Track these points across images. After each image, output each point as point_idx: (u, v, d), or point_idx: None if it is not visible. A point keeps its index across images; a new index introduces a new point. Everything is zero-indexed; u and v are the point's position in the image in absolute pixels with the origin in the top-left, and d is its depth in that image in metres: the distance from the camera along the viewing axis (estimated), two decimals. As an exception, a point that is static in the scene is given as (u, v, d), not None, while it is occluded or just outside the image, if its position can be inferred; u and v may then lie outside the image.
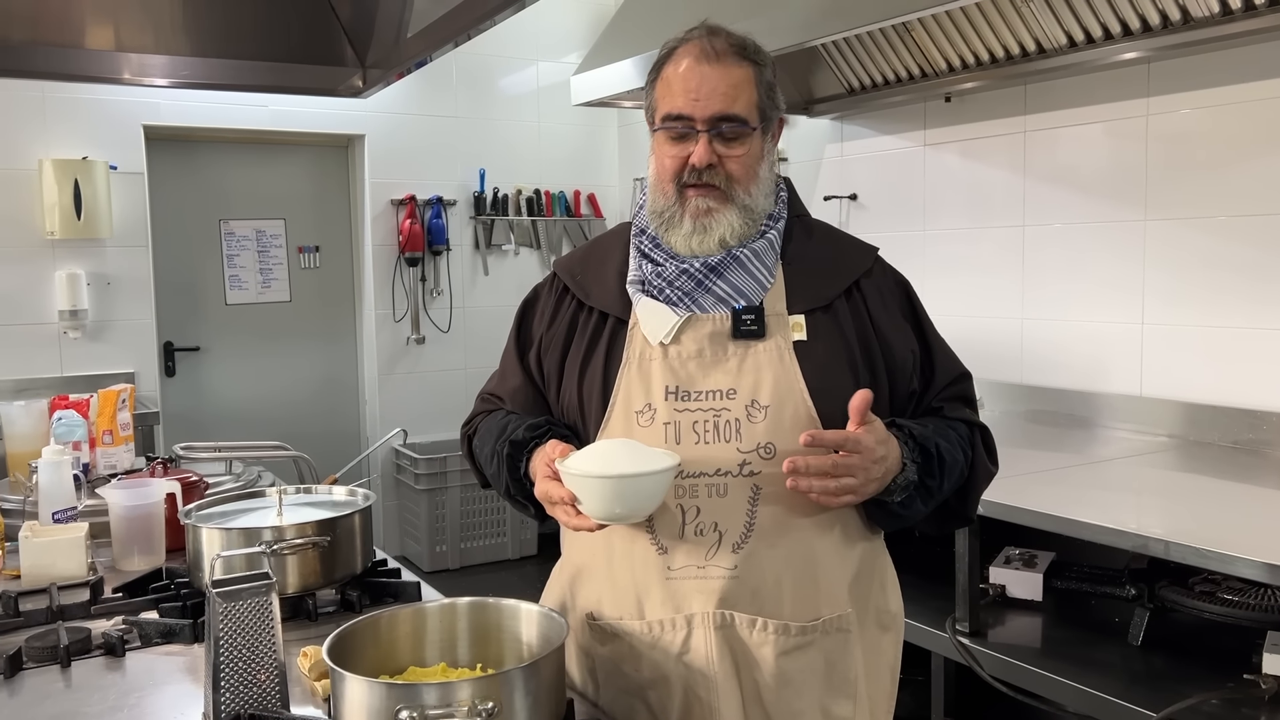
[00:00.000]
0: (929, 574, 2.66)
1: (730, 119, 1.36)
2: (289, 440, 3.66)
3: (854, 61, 3.74)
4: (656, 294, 1.41)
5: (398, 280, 5.29)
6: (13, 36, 2.92)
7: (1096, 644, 2.30)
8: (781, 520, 1.34)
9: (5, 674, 1.42)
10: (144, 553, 1.92)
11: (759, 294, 1.40)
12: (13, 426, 2.43)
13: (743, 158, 1.38)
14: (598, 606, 1.42)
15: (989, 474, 1.48)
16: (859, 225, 4.12)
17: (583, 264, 1.54)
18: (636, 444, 1.29)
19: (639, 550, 1.36)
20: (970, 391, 1.52)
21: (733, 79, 1.36)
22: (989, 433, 1.49)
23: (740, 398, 1.35)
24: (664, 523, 1.35)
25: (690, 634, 1.34)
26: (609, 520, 1.25)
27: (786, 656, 1.34)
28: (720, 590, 1.33)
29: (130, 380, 4.62)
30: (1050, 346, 3.41)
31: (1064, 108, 3.30)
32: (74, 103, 4.44)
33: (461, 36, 2.39)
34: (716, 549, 1.33)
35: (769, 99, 1.41)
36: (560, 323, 1.49)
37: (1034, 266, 3.46)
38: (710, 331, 1.39)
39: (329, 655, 1.08)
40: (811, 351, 1.38)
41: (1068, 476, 2.62)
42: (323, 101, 4.78)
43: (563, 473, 1.25)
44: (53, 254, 4.45)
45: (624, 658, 1.39)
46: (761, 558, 1.33)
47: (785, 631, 1.34)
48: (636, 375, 1.39)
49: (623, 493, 1.22)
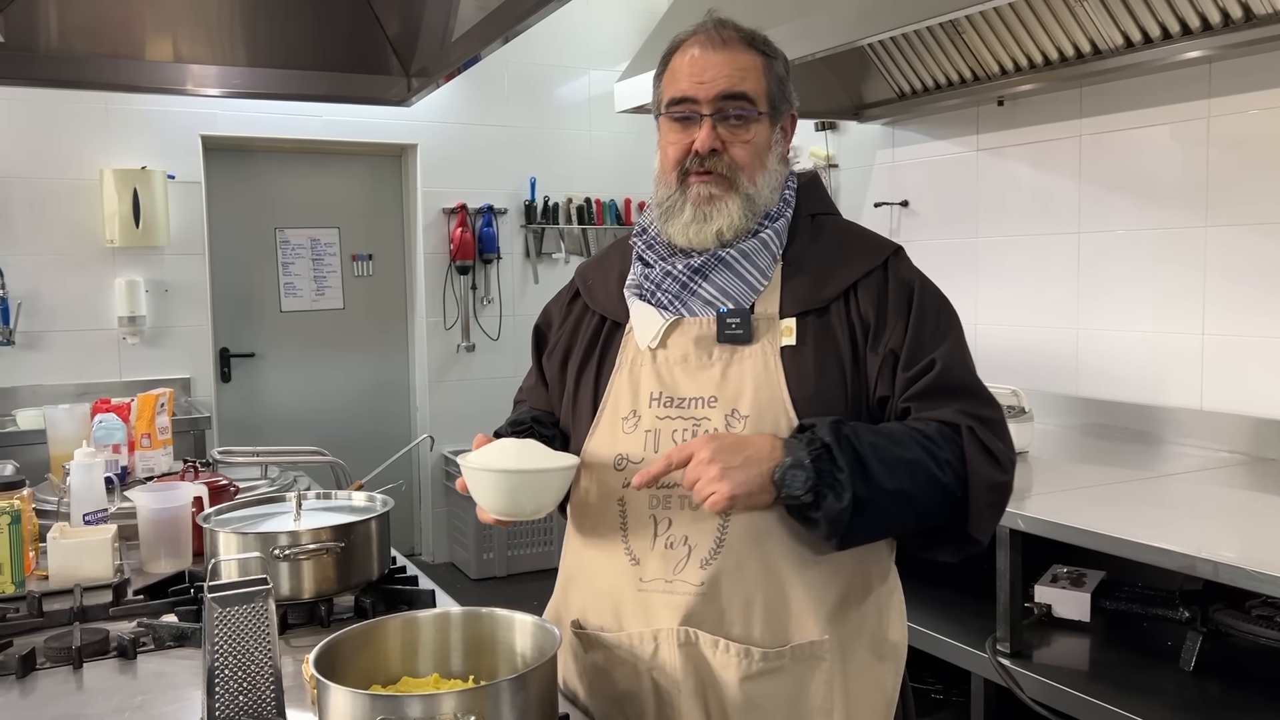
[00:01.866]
0: (971, 591, 2.57)
1: (736, 96, 1.32)
2: (341, 446, 3.70)
3: (904, 65, 3.67)
4: (648, 297, 1.39)
5: (449, 288, 5.32)
6: (76, 49, 3.01)
7: (1146, 668, 2.20)
8: (754, 538, 1.28)
9: (18, 674, 1.43)
10: (170, 555, 1.94)
11: (749, 296, 1.35)
12: (56, 429, 2.47)
13: (749, 144, 1.34)
14: (583, 614, 1.40)
15: (991, 482, 1.26)
16: (911, 232, 4.04)
17: (595, 267, 1.54)
18: (538, 445, 1.32)
19: (615, 560, 1.34)
20: (952, 380, 1.30)
21: (739, 62, 1.34)
22: (989, 429, 1.28)
23: (721, 406, 1.31)
24: (638, 533, 1.32)
25: (658, 650, 1.30)
26: (501, 514, 1.29)
27: (751, 681, 1.28)
28: (686, 606, 1.28)
29: (187, 386, 4.72)
30: (1107, 357, 3.29)
31: (1121, 110, 3.19)
32: (135, 113, 4.55)
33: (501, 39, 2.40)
34: (685, 563, 1.29)
35: (779, 90, 1.37)
36: (567, 325, 1.49)
37: (1090, 274, 3.34)
38: (696, 335, 1.35)
39: (316, 665, 1.06)
40: (799, 357, 1.31)
41: (1122, 493, 2.51)
42: (376, 111, 4.84)
43: (461, 465, 1.29)
44: (113, 261, 4.55)
45: (603, 668, 1.36)
46: (730, 576, 1.28)
47: (748, 655, 1.27)
48: (626, 380, 1.37)
49: (506, 487, 1.26)
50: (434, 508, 5.39)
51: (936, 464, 1.24)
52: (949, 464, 1.25)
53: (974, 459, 1.26)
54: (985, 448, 1.26)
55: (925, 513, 1.27)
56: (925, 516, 1.28)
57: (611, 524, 1.35)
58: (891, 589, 1.42)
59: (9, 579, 1.78)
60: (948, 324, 1.35)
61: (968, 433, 1.27)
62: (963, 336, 1.36)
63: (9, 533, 1.78)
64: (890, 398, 1.32)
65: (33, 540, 1.92)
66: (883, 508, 1.22)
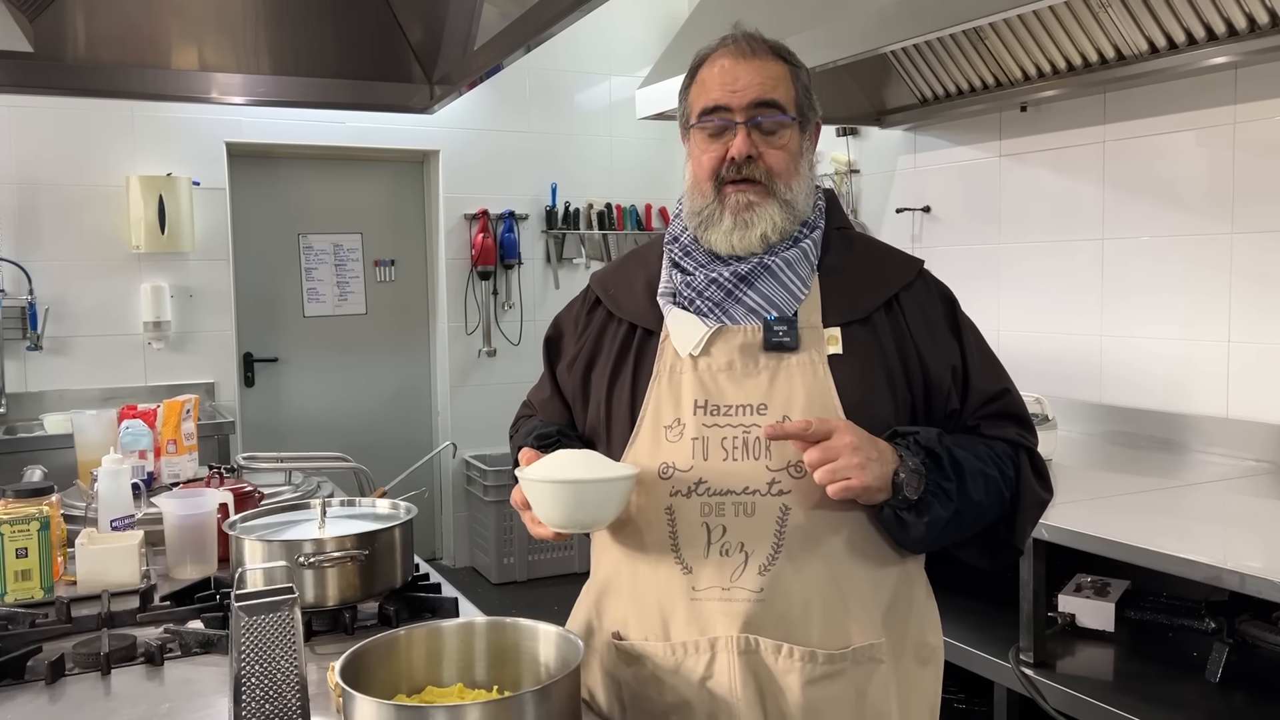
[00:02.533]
0: (994, 600, 2.56)
1: (769, 104, 1.34)
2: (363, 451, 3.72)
3: (926, 71, 3.66)
4: (687, 304, 1.38)
5: (470, 294, 5.34)
6: (103, 58, 3.05)
7: (1171, 679, 2.19)
8: (811, 542, 1.29)
9: (47, 680, 1.44)
10: (196, 561, 1.95)
11: (791, 305, 1.36)
12: (84, 435, 2.50)
13: (783, 151, 1.36)
14: (623, 626, 1.38)
15: (1039, 500, 1.38)
16: (932, 238, 4.02)
17: (616, 275, 1.53)
18: (598, 455, 1.31)
19: (663, 569, 1.32)
20: (1017, 409, 1.41)
21: (769, 71, 1.36)
22: (1038, 456, 1.40)
23: (771, 413, 1.31)
24: (689, 541, 1.31)
25: (714, 658, 1.29)
26: (563, 528, 1.27)
27: (814, 686, 1.28)
28: (745, 613, 1.28)
29: (211, 390, 4.76)
30: (1131, 365, 3.27)
31: (1146, 116, 3.17)
32: (161, 121, 4.60)
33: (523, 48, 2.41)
34: (742, 570, 1.28)
35: (806, 99, 1.39)
36: (588, 335, 1.48)
37: (1114, 281, 3.32)
38: (741, 343, 1.35)
39: (341, 674, 1.07)
40: (847, 366, 1.33)
41: (1147, 502, 2.50)
42: (399, 118, 4.87)
43: (521, 479, 1.27)
44: (138, 267, 4.60)
45: (648, 681, 1.34)
46: (789, 581, 1.28)
47: (812, 659, 1.28)
48: (666, 388, 1.36)
49: (572, 499, 1.24)
50: (455, 512, 5.41)
51: (1004, 480, 1.33)
52: (1010, 480, 1.34)
53: (1027, 478, 1.36)
54: (1037, 469, 1.38)
55: (986, 522, 1.35)
56: (984, 525, 1.35)
57: (659, 533, 1.33)
58: (927, 593, 1.44)
59: (38, 584, 1.80)
60: (984, 344, 1.45)
61: (1026, 456, 1.38)
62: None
63: (38, 539, 1.80)
64: (958, 411, 1.38)
65: (61, 546, 1.95)
66: (965, 517, 1.29)
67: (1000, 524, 1.36)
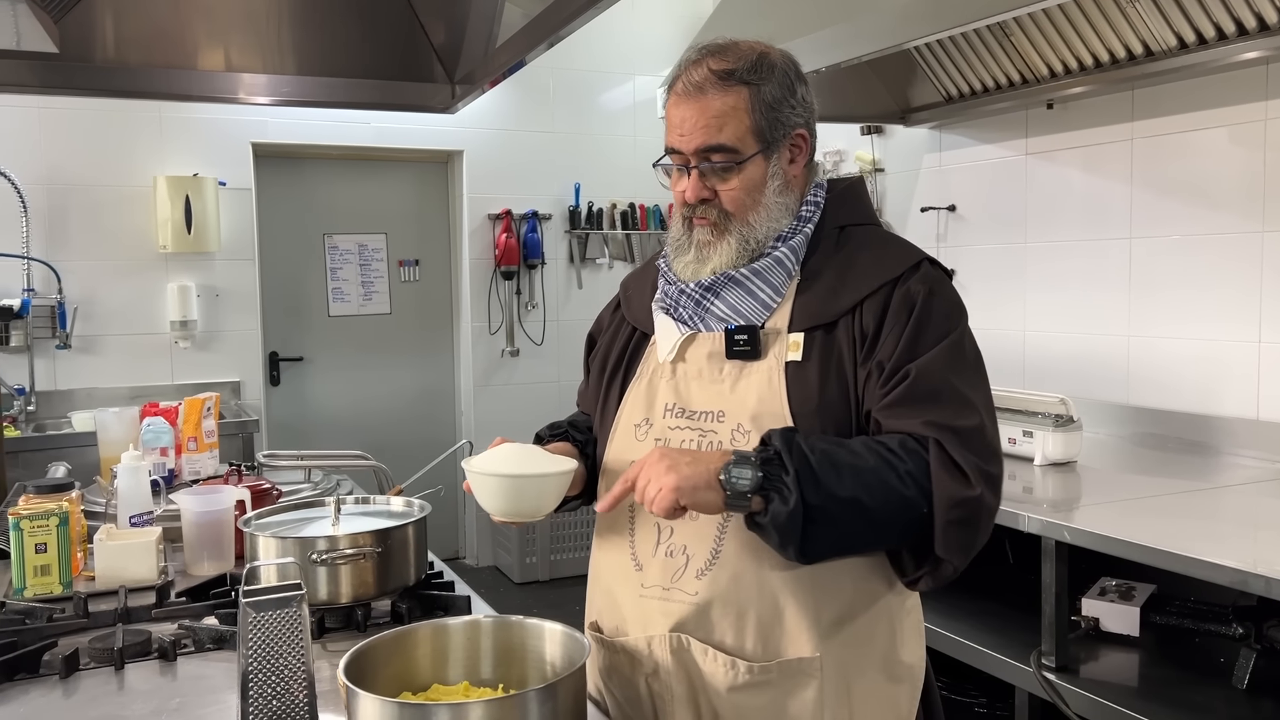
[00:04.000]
0: (1016, 604, 2.53)
1: (716, 149, 1.32)
2: (387, 450, 3.72)
3: (951, 68, 3.63)
4: (671, 312, 1.43)
5: (493, 293, 5.35)
6: (131, 60, 3.08)
7: (1197, 685, 2.15)
8: (750, 552, 1.28)
9: (61, 674, 1.45)
10: (213, 558, 1.96)
11: (760, 313, 1.35)
12: (106, 432, 2.52)
13: (736, 190, 1.34)
14: (600, 617, 1.45)
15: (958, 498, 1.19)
16: (958, 238, 3.98)
17: (636, 278, 1.59)
18: (538, 450, 1.40)
19: (620, 565, 1.39)
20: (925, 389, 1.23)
21: (713, 110, 1.32)
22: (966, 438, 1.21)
23: (728, 420, 1.33)
24: (643, 540, 1.36)
25: (652, 654, 1.34)
26: (500, 516, 1.37)
27: (738, 692, 1.29)
28: (680, 614, 1.31)
29: (237, 389, 4.80)
30: (1159, 365, 3.22)
31: (1175, 113, 3.12)
32: (187, 122, 4.64)
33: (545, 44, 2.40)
34: (682, 572, 1.32)
35: (771, 118, 1.33)
36: (608, 334, 1.56)
37: (1142, 281, 3.27)
38: (709, 350, 1.38)
39: (346, 671, 1.07)
40: (802, 372, 1.30)
41: (1174, 504, 2.45)
42: (423, 118, 4.89)
43: (465, 470, 1.35)
44: (165, 267, 4.64)
45: (615, 670, 1.41)
46: (725, 587, 1.29)
47: (734, 667, 1.29)
48: (644, 390, 1.42)
49: (509, 491, 1.33)
50: (478, 512, 5.41)
51: (897, 475, 1.20)
52: (911, 476, 1.21)
53: (937, 473, 1.21)
54: (951, 460, 1.21)
55: (888, 526, 1.23)
56: (890, 530, 1.24)
57: (621, 529, 1.40)
58: (908, 609, 1.39)
59: (57, 580, 1.82)
60: (942, 332, 1.28)
61: (934, 446, 1.22)
62: (959, 343, 1.29)
63: (57, 534, 1.81)
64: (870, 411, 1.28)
65: (81, 541, 1.96)
66: (836, 516, 1.18)
67: (918, 530, 1.23)
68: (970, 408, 1.24)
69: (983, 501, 1.21)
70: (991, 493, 1.23)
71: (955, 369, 1.27)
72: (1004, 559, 2.90)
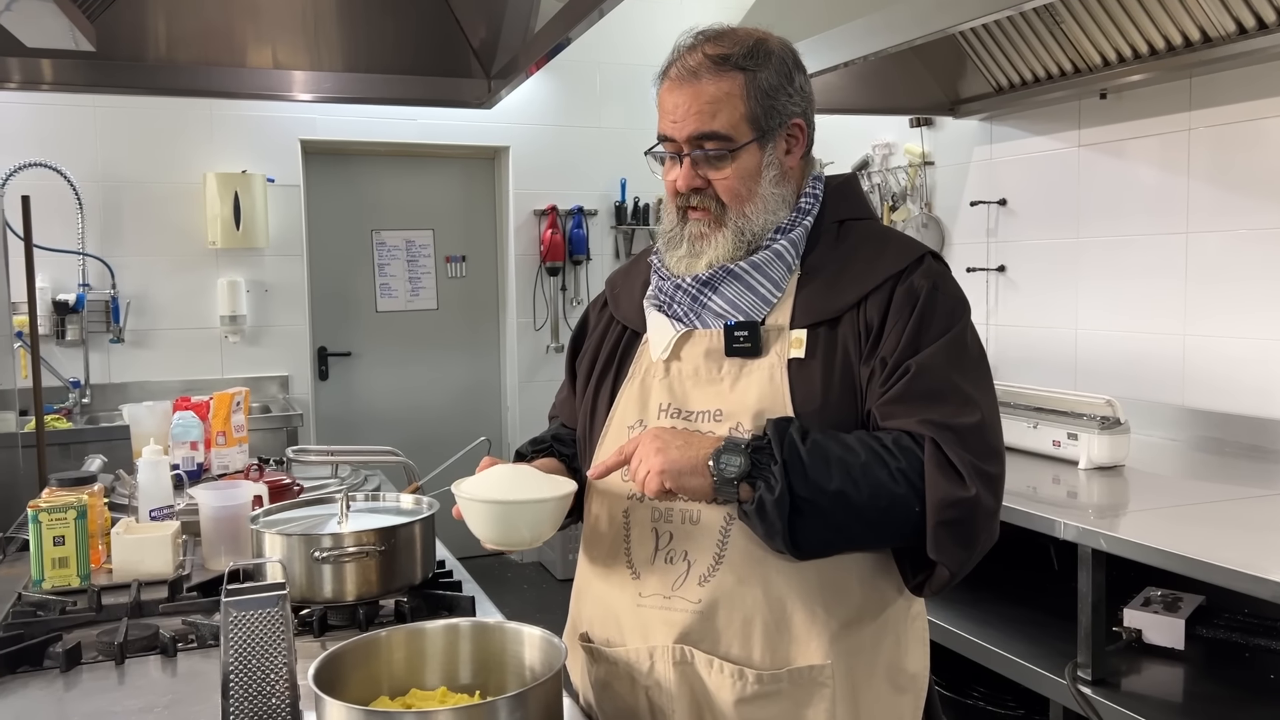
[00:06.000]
0: (1058, 612, 2.43)
1: (710, 137, 1.27)
2: (432, 445, 3.71)
3: (1001, 58, 3.52)
4: (665, 309, 1.36)
5: (538, 289, 5.35)
6: (181, 58, 3.13)
7: (1246, 704, 2.04)
8: (755, 555, 1.23)
9: (61, 668, 1.46)
10: (230, 553, 1.96)
11: (760, 309, 1.30)
12: (139, 426, 2.55)
13: (730, 179, 1.29)
14: (590, 627, 1.38)
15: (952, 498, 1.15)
16: (1008, 232, 3.86)
17: (623, 276, 1.51)
18: (533, 472, 1.29)
19: (616, 573, 1.32)
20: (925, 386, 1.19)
21: (707, 96, 1.28)
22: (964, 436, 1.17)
23: (726, 420, 1.27)
24: (640, 546, 1.29)
25: (653, 668, 1.27)
26: (494, 544, 1.26)
27: (746, 704, 1.23)
28: (683, 624, 1.25)
29: (285, 383, 4.85)
30: (1216, 366, 3.08)
31: (1234, 102, 2.98)
32: (237, 119, 4.70)
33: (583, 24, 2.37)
34: (684, 579, 1.25)
35: (766, 106, 1.29)
36: (596, 334, 1.48)
37: (1198, 277, 3.14)
38: (706, 348, 1.31)
39: (315, 677, 1.04)
40: (806, 370, 1.25)
41: (1227, 512, 2.33)
42: (469, 114, 4.87)
43: (455, 495, 1.26)
44: (215, 262, 4.71)
45: (607, 683, 1.34)
46: (729, 593, 1.24)
47: (743, 677, 1.22)
48: (637, 391, 1.35)
49: (501, 518, 1.23)
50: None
51: (889, 472, 1.16)
52: (903, 473, 1.17)
53: (930, 472, 1.17)
54: (946, 459, 1.16)
55: (880, 523, 1.19)
56: (883, 528, 1.20)
57: (616, 536, 1.33)
58: (912, 617, 1.35)
59: (74, 572, 1.83)
60: (945, 326, 1.24)
61: (930, 444, 1.18)
62: (961, 338, 1.25)
63: (75, 527, 1.83)
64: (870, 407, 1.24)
65: (103, 535, 1.98)
66: (825, 510, 1.15)
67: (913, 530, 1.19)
68: (971, 405, 1.20)
69: (978, 502, 1.16)
70: (989, 493, 1.18)
71: (957, 365, 1.23)
72: (1048, 565, 2.79)
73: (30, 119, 4.37)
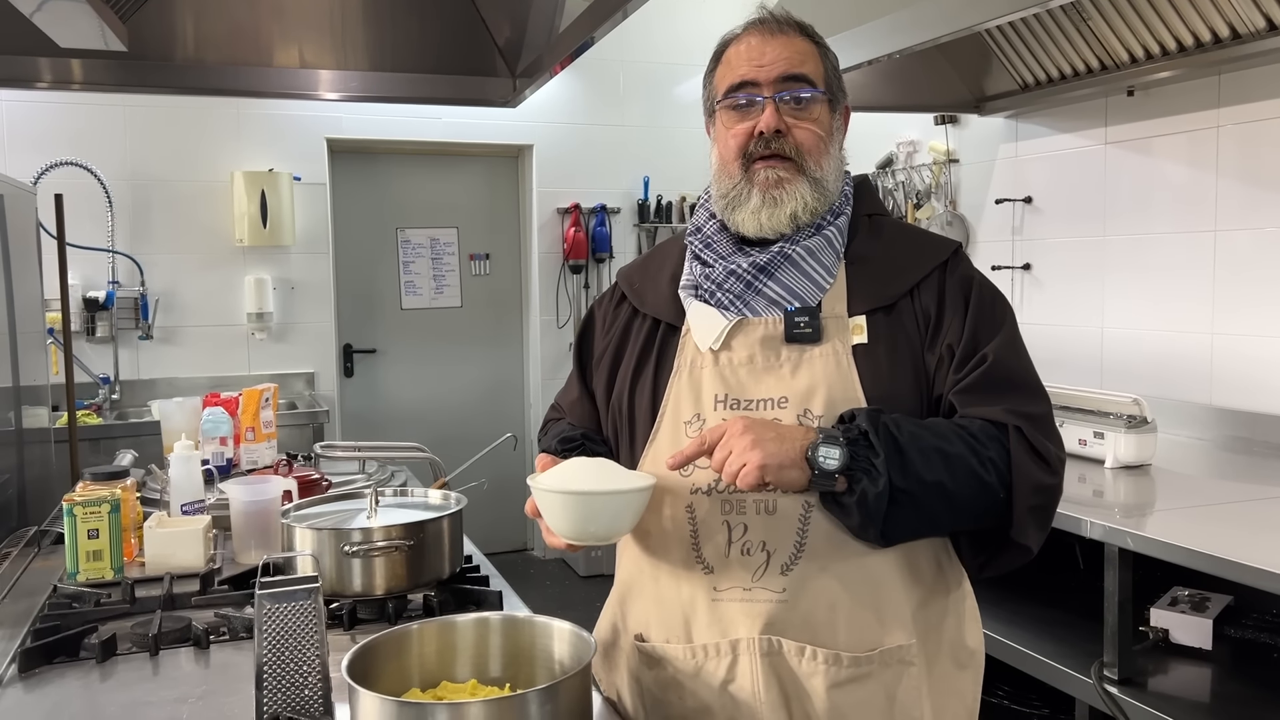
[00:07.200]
0: (1085, 612, 2.43)
1: (797, 78, 1.29)
2: (456, 442, 3.73)
3: (1027, 55, 3.50)
4: (708, 298, 1.34)
5: (562, 287, 5.36)
6: (209, 58, 3.17)
7: (1275, 704, 2.03)
8: (835, 540, 1.23)
9: (98, 659, 1.48)
10: (260, 547, 1.99)
11: (815, 294, 1.30)
12: (168, 421, 2.58)
13: (813, 127, 1.31)
14: (645, 628, 1.35)
15: (1038, 484, 1.20)
16: (1034, 230, 3.85)
17: (641, 270, 1.49)
18: (612, 464, 1.26)
19: (684, 569, 1.29)
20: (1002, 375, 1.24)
21: (796, 46, 1.32)
22: (1038, 432, 1.22)
23: (792, 406, 1.26)
24: (710, 540, 1.27)
25: (735, 661, 1.25)
26: (575, 539, 1.22)
27: (839, 689, 1.22)
28: (767, 614, 1.23)
29: (311, 380, 4.89)
30: (1244, 365, 3.06)
31: (1263, 99, 2.96)
32: (264, 118, 4.74)
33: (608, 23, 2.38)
34: (764, 570, 1.24)
35: (835, 78, 1.35)
36: (614, 331, 1.45)
37: (1226, 276, 3.11)
38: (762, 335, 1.30)
39: (348, 669, 1.05)
40: (872, 355, 1.27)
41: (1255, 512, 2.32)
42: (493, 113, 4.91)
43: (532, 488, 1.23)
44: (242, 260, 4.76)
45: (669, 685, 1.31)
46: (813, 580, 1.23)
47: (837, 662, 1.22)
48: (687, 384, 1.33)
49: (583, 510, 1.20)
50: (546, 504, 5.44)
51: (979, 461, 1.19)
52: (992, 462, 1.20)
53: (1020, 459, 1.20)
54: (1032, 448, 1.21)
55: (966, 510, 1.22)
56: (966, 515, 1.23)
57: (680, 532, 1.30)
58: (965, 594, 1.37)
59: (108, 565, 1.86)
60: (1002, 317, 1.30)
61: (1015, 432, 1.21)
62: (1017, 330, 1.31)
63: (108, 521, 1.86)
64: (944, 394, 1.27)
65: (135, 528, 2.01)
66: (920, 500, 1.17)
67: (993, 515, 1.22)
68: (1041, 395, 1.27)
69: (1060, 489, 1.23)
70: (1062, 480, 1.25)
71: (1021, 356, 1.29)
72: (1075, 565, 2.78)
73: (62, 118, 4.43)
